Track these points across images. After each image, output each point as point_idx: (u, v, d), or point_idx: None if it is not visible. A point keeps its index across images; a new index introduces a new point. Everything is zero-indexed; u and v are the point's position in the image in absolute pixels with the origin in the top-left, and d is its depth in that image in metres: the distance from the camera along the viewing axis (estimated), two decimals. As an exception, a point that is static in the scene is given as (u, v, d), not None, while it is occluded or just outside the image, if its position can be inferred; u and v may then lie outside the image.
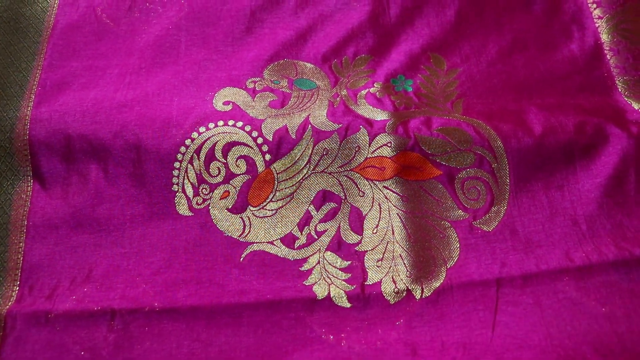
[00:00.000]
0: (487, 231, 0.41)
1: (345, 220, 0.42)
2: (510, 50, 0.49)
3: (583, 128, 0.42)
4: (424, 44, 0.49)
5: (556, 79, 0.47)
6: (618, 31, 0.49)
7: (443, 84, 0.47)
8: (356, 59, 0.48)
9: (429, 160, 0.42)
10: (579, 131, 0.42)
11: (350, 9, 0.51)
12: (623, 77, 0.46)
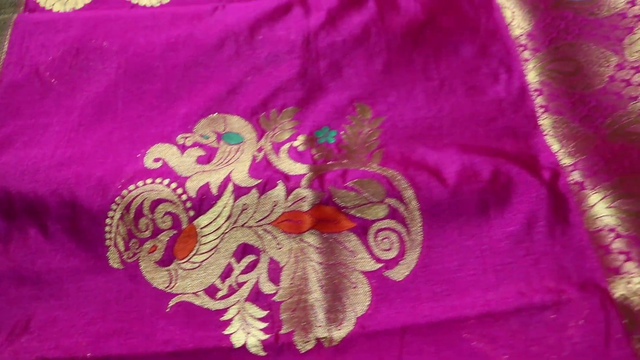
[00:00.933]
0: (398, 281, 0.43)
1: (264, 272, 0.44)
2: (436, 95, 0.51)
3: (497, 177, 0.45)
4: (351, 94, 0.52)
5: (481, 121, 0.50)
6: (545, 72, 0.51)
7: (366, 134, 0.49)
8: (283, 111, 0.51)
9: (342, 213, 0.45)
10: (494, 180, 0.44)
11: (281, 62, 0.53)
12: (547, 118, 0.48)
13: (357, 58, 0.53)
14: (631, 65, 0.50)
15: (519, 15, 0.55)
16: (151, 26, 0.55)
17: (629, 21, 0.52)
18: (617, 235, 0.41)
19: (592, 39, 0.52)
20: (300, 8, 0.56)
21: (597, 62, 0.51)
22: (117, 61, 0.53)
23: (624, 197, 0.42)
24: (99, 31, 0.55)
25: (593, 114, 0.48)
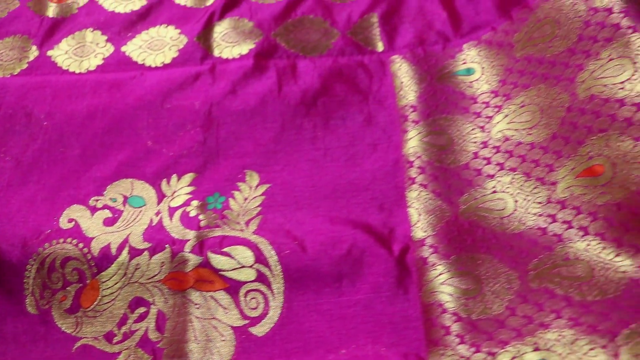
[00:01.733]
0: (259, 336, 0.52)
1: (152, 322, 0.53)
2: (319, 164, 0.59)
3: (353, 250, 0.52)
4: (243, 162, 0.60)
5: (355, 192, 0.57)
6: (419, 144, 0.58)
7: (250, 200, 0.57)
8: (182, 177, 0.59)
9: (218, 275, 0.53)
10: (349, 252, 0.52)
11: (185, 130, 0.61)
12: (413, 191, 0.55)
13: (253, 127, 0.61)
14: (494, 144, 0.56)
15: (407, 85, 0.62)
16: (75, 94, 0.64)
17: (498, 101, 0.58)
18: (443, 311, 0.48)
19: (464, 114, 0.59)
20: (207, 77, 0.64)
21: (467, 138, 0.57)
22: (44, 127, 0.62)
23: (456, 276, 0.49)
24: (30, 97, 0.64)
25: (453, 189, 0.55)
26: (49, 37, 0.69)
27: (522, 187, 0.53)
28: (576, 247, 0.48)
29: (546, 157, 0.53)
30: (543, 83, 0.56)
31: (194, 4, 0.70)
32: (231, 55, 0.65)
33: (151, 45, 0.67)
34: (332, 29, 0.67)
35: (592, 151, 0.50)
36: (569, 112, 0.53)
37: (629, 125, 0.49)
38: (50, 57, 0.67)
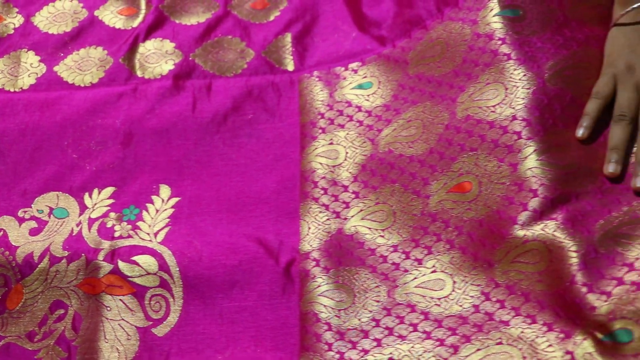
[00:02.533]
0: (160, 336, 0.58)
1: (69, 323, 0.60)
2: (226, 178, 0.65)
3: (245, 259, 0.59)
4: (158, 177, 0.66)
5: (257, 204, 0.63)
6: (315, 159, 0.63)
7: (160, 212, 0.64)
8: (102, 191, 0.66)
9: (127, 281, 0.60)
10: (242, 262, 0.58)
11: (107, 147, 0.68)
12: (305, 204, 0.61)
13: (168, 144, 0.67)
14: (380, 156, 0.62)
15: (309, 103, 0.67)
16: (8, 112, 0.70)
17: (389, 115, 0.64)
18: (317, 320, 0.54)
19: (358, 127, 0.65)
20: (129, 97, 0.70)
21: (357, 151, 0.63)
22: (-21, 143, 0.69)
23: (333, 288, 0.55)
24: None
25: (342, 203, 0.61)
26: (-15, 57, 0.75)
27: (400, 198, 0.58)
28: (442, 259, 0.54)
29: (423, 170, 0.58)
30: (429, 100, 0.61)
31: (122, 25, 0.76)
32: (152, 76, 0.71)
33: (80, 66, 0.73)
34: (247, 49, 0.73)
35: (462, 168, 0.56)
36: (447, 129, 0.58)
37: (495, 146, 0.54)
38: None
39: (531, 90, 0.53)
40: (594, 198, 0.48)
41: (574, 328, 0.45)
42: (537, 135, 0.51)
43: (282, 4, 0.76)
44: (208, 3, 0.77)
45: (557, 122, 0.52)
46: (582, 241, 0.46)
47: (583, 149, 0.51)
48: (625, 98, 0.51)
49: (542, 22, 0.58)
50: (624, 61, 0.52)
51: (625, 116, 0.50)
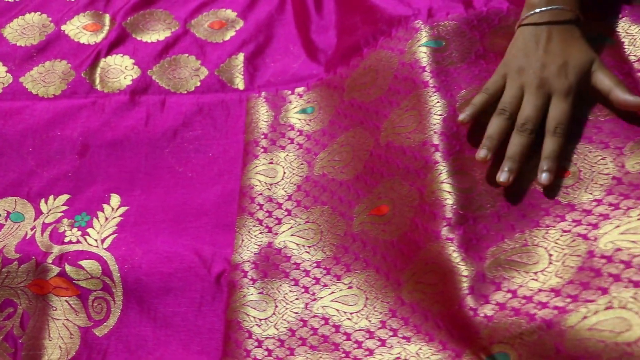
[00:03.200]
0: (99, 336, 0.63)
1: (17, 320, 0.65)
2: (172, 190, 0.70)
3: (180, 268, 0.63)
4: (110, 186, 0.71)
5: (198, 216, 0.68)
6: (252, 176, 0.68)
7: (109, 220, 0.69)
8: (58, 197, 0.71)
9: (72, 284, 0.65)
10: (177, 270, 0.63)
11: (64, 157, 0.73)
12: (241, 218, 0.66)
13: (121, 156, 0.72)
14: (314, 179, 0.66)
15: (255, 122, 0.72)
16: None
17: (325, 139, 0.68)
18: (240, 328, 0.59)
19: (298, 150, 0.69)
20: (88, 110, 0.75)
21: (295, 172, 0.68)
22: None
23: (256, 299, 0.60)
24: None
25: (274, 219, 0.65)
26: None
27: (328, 219, 0.63)
28: (358, 277, 0.59)
29: (350, 194, 0.63)
30: (360, 127, 0.66)
31: (86, 40, 0.81)
32: (111, 90, 0.76)
33: (45, 78, 0.78)
34: (202, 67, 0.77)
35: (381, 192, 0.60)
36: (371, 156, 0.63)
37: (407, 172, 0.59)
38: None
39: (442, 117, 0.57)
40: (490, 222, 0.53)
41: (464, 348, 0.49)
42: (444, 160, 0.55)
43: (238, 24, 0.81)
44: (169, 21, 0.82)
45: (463, 148, 0.56)
46: (472, 266, 0.50)
47: (487, 172, 0.55)
48: (509, 95, 0.55)
49: (461, 53, 0.62)
50: (517, 64, 0.56)
51: (505, 111, 0.54)
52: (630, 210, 0.49)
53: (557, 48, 0.56)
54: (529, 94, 0.55)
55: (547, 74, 0.55)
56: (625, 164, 0.52)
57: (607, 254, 0.47)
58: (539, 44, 0.56)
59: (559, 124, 0.53)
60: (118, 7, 0.83)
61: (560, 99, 0.54)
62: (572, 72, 0.55)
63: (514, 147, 0.53)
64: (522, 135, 0.53)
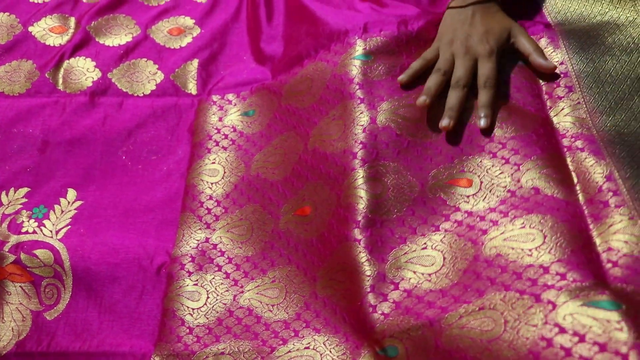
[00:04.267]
0: (49, 320, 0.69)
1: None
2: (125, 187, 0.76)
3: (124, 259, 0.69)
4: (67, 181, 0.77)
5: (146, 211, 0.74)
6: (199, 174, 0.74)
7: (65, 213, 0.75)
8: (18, 190, 0.77)
9: (27, 271, 0.71)
10: (122, 261, 0.69)
11: (25, 152, 0.78)
12: (182, 216, 0.72)
13: (79, 153, 0.78)
14: (250, 180, 0.72)
15: (201, 124, 0.78)
16: None
17: (262, 142, 0.74)
18: (174, 316, 0.65)
19: (237, 151, 0.75)
20: (50, 109, 0.81)
21: (234, 172, 0.74)
22: None
23: (190, 290, 0.66)
24: None
25: (213, 216, 0.71)
26: None
27: (259, 217, 0.69)
28: (281, 271, 0.65)
29: (278, 194, 0.69)
30: (293, 131, 0.72)
31: (52, 42, 0.87)
32: (72, 91, 0.82)
33: (11, 76, 0.84)
34: (158, 72, 0.83)
35: (305, 195, 0.66)
36: (299, 159, 0.69)
37: (329, 177, 0.65)
38: None
39: (363, 127, 0.63)
40: (395, 226, 0.59)
41: (362, 341, 0.55)
42: (360, 167, 0.61)
43: (195, 31, 0.87)
44: (130, 27, 0.87)
45: (379, 156, 0.62)
46: (375, 266, 0.56)
47: (397, 179, 0.61)
48: (443, 59, 0.66)
49: (387, 67, 0.68)
50: (447, 37, 0.67)
51: (440, 69, 0.65)
52: (516, 219, 0.55)
53: (479, 21, 0.67)
54: (459, 59, 0.65)
55: (471, 42, 0.66)
56: (520, 179, 0.58)
57: (490, 258, 0.53)
58: (465, 20, 0.67)
59: (487, 78, 0.63)
60: (84, 10, 0.89)
61: (485, 59, 0.64)
62: (492, 38, 0.66)
63: (452, 99, 0.63)
64: (457, 90, 0.64)
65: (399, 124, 0.63)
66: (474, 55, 0.65)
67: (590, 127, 0.61)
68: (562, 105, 0.63)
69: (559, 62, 0.66)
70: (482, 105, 0.63)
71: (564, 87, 0.64)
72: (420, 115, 0.64)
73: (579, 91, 0.63)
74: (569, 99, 0.63)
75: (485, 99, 0.63)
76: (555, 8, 0.72)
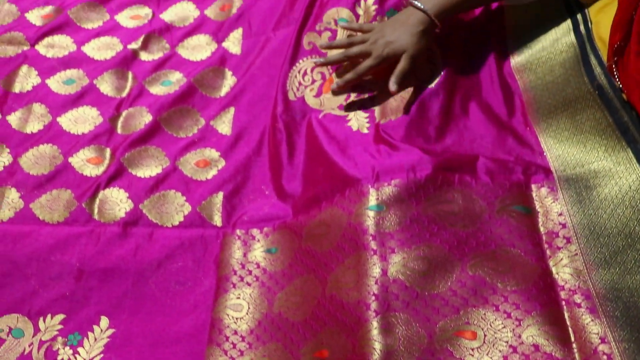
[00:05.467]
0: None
1: None
2: (155, 316, 0.83)
3: None
4: (101, 309, 0.84)
5: (175, 342, 0.81)
6: (224, 309, 0.82)
7: (98, 341, 0.82)
8: (54, 317, 0.84)
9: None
10: None
11: (62, 279, 0.86)
12: (211, 348, 0.79)
13: (111, 282, 0.85)
14: (270, 321, 0.80)
15: (226, 258, 0.86)
16: None
17: (284, 281, 0.82)
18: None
19: (261, 287, 0.83)
20: (86, 238, 0.89)
21: (257, 308, 0.81)
22: None
23: None
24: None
25: (237, 351, 0.79)
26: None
27: (280, 355, 0.76)
28: None
29: (299, 336, 0.76)
30: (312, 274, 0.80)
31: (89, 173, 0.96)
32: (107, 221, 0.90)
33: (51, 205, 0.93)
34: (186, 203, 0.92)
35: (324, 338, 0.74)
36: (318, 303, 0.76)
37: (345, 325, 0.72)
38: None
39: (375, 279, 0.71)
40: None
41: None
42: (374, 318, 0.69)
43: (220, 163, 0.96)
44: (160, 158, 0.97)
45: (391, 307, 0.69)
46: None
47: (407, 331, 0.68)
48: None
49: (399, 217, 0.76)
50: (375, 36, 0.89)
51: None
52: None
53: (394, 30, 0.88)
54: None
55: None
56: (521, 335, 0.66)
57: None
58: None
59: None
60: (118, 142, 0.99)
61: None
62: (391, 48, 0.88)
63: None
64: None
65: (408, 277, 0.71)
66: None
67: (587, 280, 0.68)
68: (561, 256, 0.71)
69: (558, 212, 0.74)
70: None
71: (563, 238, 0.73)
72: (427, 267, 0.72)
73: (576, 243, 0.72)
74: (567, 249, 0.72)
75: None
76: (556, 152, 0.80)
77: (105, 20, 1.17)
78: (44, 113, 1.04)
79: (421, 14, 0.86)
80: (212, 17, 1.13)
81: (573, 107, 0.80)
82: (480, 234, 0.74)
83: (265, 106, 0.99)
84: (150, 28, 1.14)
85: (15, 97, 1.06)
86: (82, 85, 1.07)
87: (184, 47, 1.11)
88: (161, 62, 1.09)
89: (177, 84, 1.06)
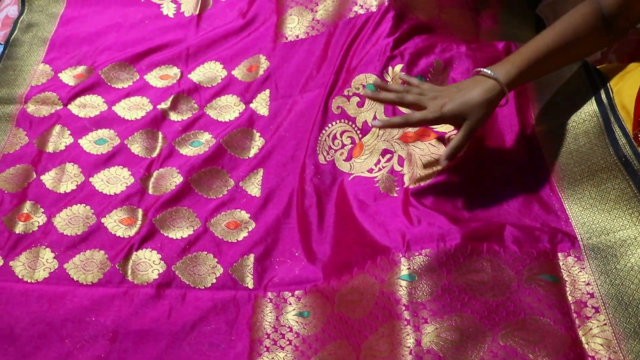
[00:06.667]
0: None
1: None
2: None
3: None
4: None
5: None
6: None
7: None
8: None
9: None
10: None
11: (98, 341, 0.90)
12: None
13: (146, 343, 0.89)
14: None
15: (260, 321, 0.90)
16: (24, 302, 0.93)
17: (317, 345, 0.86)
18: None
19: (295, 351, 0.86)
20: (120, 300, 0.93)
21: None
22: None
23: None
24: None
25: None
26: (12, 249, 0.99)
27: None
28: None
29: None
30: (345, 340, 0.83)
31: (122, 234, 1.01)
32: (140, 282, 0.94)
33: (85, 265, 0.97)
34: (218, 265, 0.96)
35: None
36: None
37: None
38: (11, 267, 0.98)
39: (409, 349, 0.74)
40: None
41: None
42: None
43: (250, 225, 1.01)
44: (192, 220, 1.01)
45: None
46: None
47: None
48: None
49: (430, 287, 0.79)
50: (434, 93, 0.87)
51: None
52: None
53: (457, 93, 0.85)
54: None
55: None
56: None
57: None
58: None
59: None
60: (150, 203, 1.04)
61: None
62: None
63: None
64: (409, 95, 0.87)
65: (442, 347, 0.75)
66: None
67: (617, 351, 0.72)
68: (590, 326, 0.75)
69: (586, 282, 0.78)
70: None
71: (591, 308, 0.76)
72: (460, 337, 0.76)
73: (605, 313, 0.75)
74: (596, 319, 0.75)
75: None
76: (581, 219, 0.84)
77: (135, 80, 1.23)
78: (77, 173, 1.09)
79: (491, 82, 0.82)
80: (239, 77, 1.19)
81: (599, 176, 0.84)
82: (509, 303, 0.78)
83: (292, 169, 1.04)
84: (179, 88, 1.19)
85: (49, 157, 1.11)
86: (114, 145, 1.13)
87: (213, 107, 1.17)
88: (190, 122, 1.15)
89: (207, 145, 1.11)
